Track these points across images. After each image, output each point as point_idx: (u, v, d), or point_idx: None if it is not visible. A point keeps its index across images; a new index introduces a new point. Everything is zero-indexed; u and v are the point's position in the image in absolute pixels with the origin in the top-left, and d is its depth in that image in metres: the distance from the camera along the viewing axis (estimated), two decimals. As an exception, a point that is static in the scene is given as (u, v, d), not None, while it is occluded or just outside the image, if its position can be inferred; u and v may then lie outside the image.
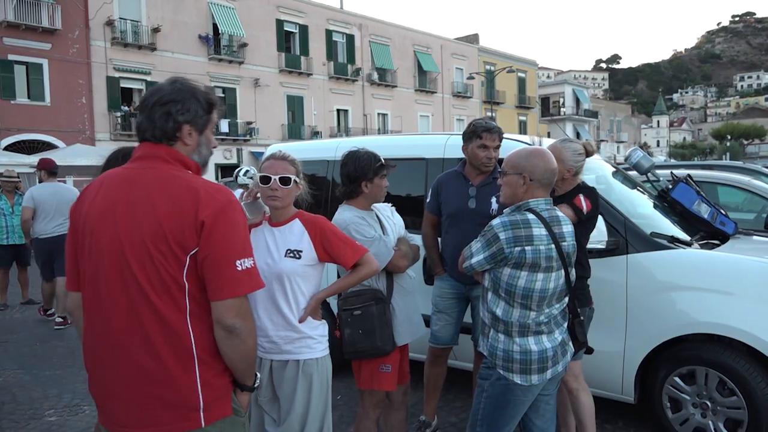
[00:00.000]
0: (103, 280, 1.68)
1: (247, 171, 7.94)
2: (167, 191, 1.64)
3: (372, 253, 2.61)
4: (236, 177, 7.83)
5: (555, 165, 2.50)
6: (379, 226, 2.98)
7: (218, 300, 1.63)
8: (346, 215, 2.92)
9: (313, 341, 2.46)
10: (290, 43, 32.42)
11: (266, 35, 30.72)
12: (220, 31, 28.58)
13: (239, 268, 1.63)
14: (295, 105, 32.39)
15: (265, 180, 2.44)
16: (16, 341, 6.39)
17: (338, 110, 34.77)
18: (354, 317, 2.79)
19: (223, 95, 28.32)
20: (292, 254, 2.42)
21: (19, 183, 8.31)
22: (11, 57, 22.37)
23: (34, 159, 14.52)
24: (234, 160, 27.84)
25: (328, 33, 34.11)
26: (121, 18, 25.46)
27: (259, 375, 1.84)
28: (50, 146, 22.10)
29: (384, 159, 3.03)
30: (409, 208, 4.09)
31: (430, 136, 4.82)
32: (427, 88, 39.79)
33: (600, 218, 3.30)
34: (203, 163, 1.83)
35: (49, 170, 7.14)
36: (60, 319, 6.98)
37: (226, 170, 25.35)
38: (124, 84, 25.81)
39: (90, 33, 24.47)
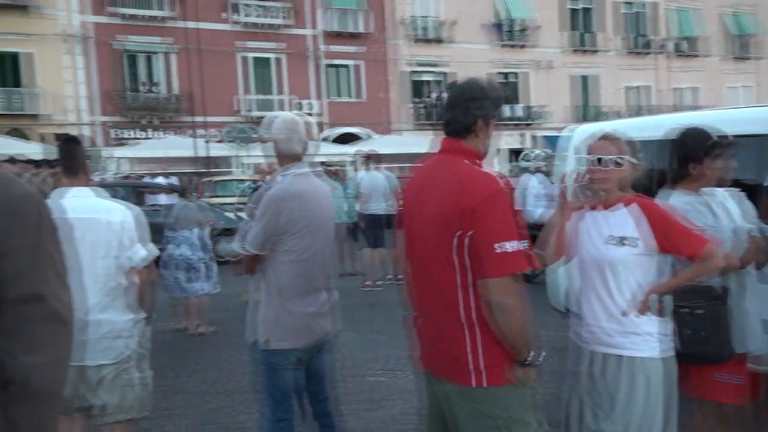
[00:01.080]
0: (411, 251, 2.09)
1: (526, 154, 8.10)
2: (446, 180, 1.95)
3: None
4: (520, 160, 8.04)
5: None
6: (709, 215, 2.62)
7: (480, 278, 1.87)
8: (671, 201, 2.63)
9: (643, 338, 2.25)
10: (576, 20, 31.01)
11: (549, 15, 29.85)
12: (503, 17, 28.81)
13: (497, 251, 1.81)
14: (583, 85, 30.97)
15: (588, 162, 2.35)
16: (345, 307, 7.38)
17: (633, 87, 32.02)
18: (696, 316, 2.47)
19: (505, 81, 28.48)
20: (621, 241, 2.26)
21: (340, 170, 9.89)
22: (336, 61, 26.27)
23: (350, 149, 17.72)
24: (524, 144, 27.81)
25: (620, 5, 31.53)
26: (420, 16, 27.62)
27: (533, 353, 1.91)
28: (357, 138, 25.08)
29: (721, 137, 2.64)
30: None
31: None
32: (746, 55, 33.84)
33: None
34: (486, 151, 2.06)
35: (370, 159, 9.06)
36: (368, 282, 8.49)
37: (513, 154, 25.76)
38: (420, 77, 28.05)
39: (391, 32, 27.12)
